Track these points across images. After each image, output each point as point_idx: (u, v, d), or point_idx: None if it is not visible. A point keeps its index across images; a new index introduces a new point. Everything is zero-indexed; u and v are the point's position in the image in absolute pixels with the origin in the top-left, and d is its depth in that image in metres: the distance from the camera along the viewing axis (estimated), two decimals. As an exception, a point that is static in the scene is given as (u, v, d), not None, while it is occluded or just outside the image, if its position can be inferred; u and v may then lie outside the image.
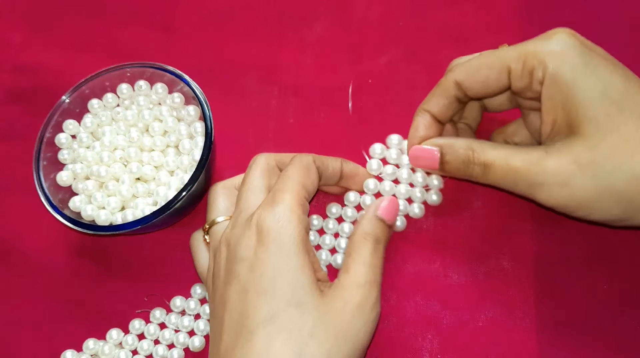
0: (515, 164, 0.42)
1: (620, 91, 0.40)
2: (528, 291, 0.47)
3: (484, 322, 0.47)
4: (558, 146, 0.41)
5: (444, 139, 0.45)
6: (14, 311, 0.50)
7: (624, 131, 0.39)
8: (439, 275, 0.48)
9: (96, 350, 0.48)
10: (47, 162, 0.50)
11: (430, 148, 0.45)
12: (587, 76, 0.40)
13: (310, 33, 0.57)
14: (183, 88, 0.50)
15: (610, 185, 0.40)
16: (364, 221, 0.44)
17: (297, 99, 0.55)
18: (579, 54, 0.41)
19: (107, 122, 0.51)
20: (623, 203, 0.40)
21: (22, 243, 0.52)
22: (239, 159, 0.53)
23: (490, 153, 0.43)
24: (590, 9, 0.55)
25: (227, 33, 0.58)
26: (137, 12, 0.59)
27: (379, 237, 0.44)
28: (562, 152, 0.41)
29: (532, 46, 0.42)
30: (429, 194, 0.50)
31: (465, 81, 0.45)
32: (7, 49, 0.59)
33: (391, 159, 0.50)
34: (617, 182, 0.39)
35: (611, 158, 0.39)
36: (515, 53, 0.43)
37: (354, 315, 0.40)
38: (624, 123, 0.39)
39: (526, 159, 0.42)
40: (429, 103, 0.47)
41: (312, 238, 0.49)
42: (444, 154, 0.45)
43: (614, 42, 0.54)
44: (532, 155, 0.42)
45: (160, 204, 0.47)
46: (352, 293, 0.40)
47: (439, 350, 0.46)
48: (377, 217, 0.44)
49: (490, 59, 0.44)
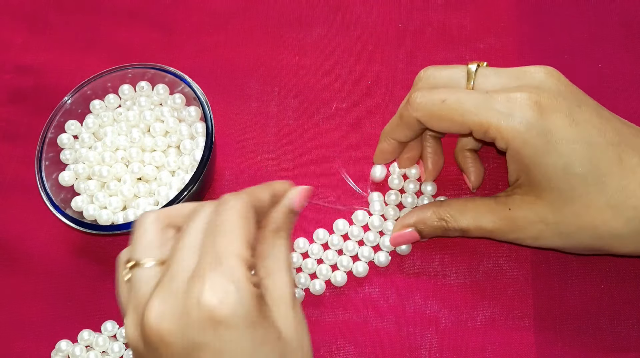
0: (487, 227, 0.44)
1: (582, 163, 0.40)
2: (526, 291, 0.47)
3: (482, 321, 0.47)
4: (522, 203, 0.43)
5: (414, 217, 0.47)
6: (16, 311, 0.50)
7: (586, 199, 0.40)
8: (437, 274, 0.49)
9: (90, 342, 0.48)
10: (49, 162, 0.50)
11: (406, 231, 0.47)
12: (549, 153, 0.40)
13: (310, 34, 0.57)
14: (184, 89, 0.50)
15: (577, 241, 0.43)
16: (277, 215, 0.39)
17: (297, 100, 0.55)
18: (539, 133, 0.40)
19: (109, 122, 0.51)
20: (590, 250, 0.44)
21: (24, 242, 0.52)
22: (240, 160, 0.53)
23: (462, 221, 0.45)
24: (587, 9, 0.56)
25: (228, 35, 0.58)
26: (139, 14, 0.60)
27: (290, 229, 0.40)
28: (528, 211, 0.43)
29: (494, 119, 0.41)
30: None
31: (427, 123, 0.44)
32: (8, 50, 0.59)
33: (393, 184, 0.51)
34: (583, 239, 0.42)
35: (575, 221, 0.41)
36: (477, 120, 0.42)
37: (299, 336, 0.37)
38: (586, 192, 0.40)
39: (496, 222, 0.44)
40: (394, 133, 0.46)
41: (295, 260, 0.49)
42: (420, 230, 0.47)
43: (611, 42, 0.54)
44: (498, 214, 0.44)
45: (161, 204, 0.47)
46: (288, 317, 0.37)
47: (437, 348, 0.47)
48: (292, 210, 0.40)
49: (452, 114, 0.42)
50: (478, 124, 0.42)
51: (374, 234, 0.49)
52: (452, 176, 0.51)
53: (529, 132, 0.40)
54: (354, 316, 0.48)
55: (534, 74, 0.43)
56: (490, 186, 0.50)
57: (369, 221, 0.50)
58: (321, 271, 0.49)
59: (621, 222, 0.40)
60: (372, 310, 0.48)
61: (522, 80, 0.42)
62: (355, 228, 0.49)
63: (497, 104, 0.41)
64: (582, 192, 0.40)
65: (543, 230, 0.43)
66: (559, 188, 0.41)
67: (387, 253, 0.49)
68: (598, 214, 0.40)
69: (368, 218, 0.50)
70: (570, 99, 0.41)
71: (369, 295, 0.48)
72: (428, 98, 0.43)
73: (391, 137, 0.47)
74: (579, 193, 0.40)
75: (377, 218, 0.49)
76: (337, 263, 0.49)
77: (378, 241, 0.49)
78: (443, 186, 0.51)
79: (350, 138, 0.53)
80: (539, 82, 0.42)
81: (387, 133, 0.47)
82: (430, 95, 0.43)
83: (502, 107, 0.41)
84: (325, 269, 0.49)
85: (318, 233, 0.50)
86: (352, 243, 0.49)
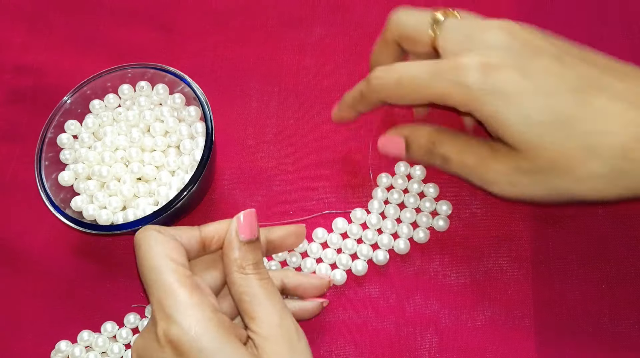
0: (468, 161, 0.44)
1: (543, 112, 0.40)
2: (526, 291, 0.47)
3: (482, 321, 0.47)
4: (502, 150, 0.43)
5: (409, 129, 0.47)
6: (15, 310, 0.50)
7: (558, 145, 0.40)
8: (437, 274, 0.49)
9: (90, 342, 0.48)
10: (49, 162, 0.50)
11: (396, 137, 0.47)
12: (507, 108, 0.41)
13: (310, 34, 0.57)
14: (184, 89, 0.50)
15: (553, 186, 0.42)
16: (232, 254, 0.42)
17: (297, 100, 0.55)
18: (491, 92, 0.41)
19: (109, 122, 0.51)
20: (566, 197, 0.42)
21: (23, 242, 0.52)
22: (240, 160, 0.53)
23: (448, 148, 0.45)
24: (587, 9, 0.56)
25: (228, 34, 0.58)
26: (138, 13, 0.60)
27: (257, 260, 0.42)
28: (506, 158, 0.43)
29: (447, 89, 0.42)
30: (436, 219, 0.50)
31: (389, 101, 0.46)
32: (8, 50, 0.59)
33: (397, 184, 0.51)
34: (559, 184, 0.41)
35: (551, 166, 0.41)
36: (433, 92, 0.43)
37: (291, 355, 0.39)
38: (556, 138, 0.40)
39: (477, 158, 0.44)
40: (356, 107, 0.48)
41: (295, 260, 0.49)
42: (409, 143, 0.47)
43: (611, 42, 0.54)
44: (482, 153, 0.44)
45: (161, 204, 0.47)
46: (277, 339, 0.39)
47: (437, 349, 0.47)
48: (244, 241, 0.42)
49: (409, 91, 0.44)
50: (435, 96, 0.43)
51: (372, 232, 0.49)
52: (451, 181, 0.51)
53: (482, 93, 0.41)
54: (354, 316, 0.48)
55: (486, 33, 0.43)
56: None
57: (366, 219, 0.50)
58: (320, 270, 0.49)
59: (598, 162, 0.40)
60: (372, 310, 0.48)
61: (474, 40, 0.43)
62: (354, 226, 0.49)
63: (447, 74, 0.42)
64: (552, 139, 0.40)
65: (520, 178, 0.42)
66: (527, 139, 0.41)
67: (386, 251, 0.49)
68: (573, 157, 0.40)
69: (366, 216, 0.50)
70: (522, 53, 0.42)
71: (369, 295, 0.48)
72: (385, 80, 0.45)
73: (353, 109, 0.48)
74: (549, 140, 0.40)
75: (375, 216, 0.50)
76: (337, 262, 0.49)
77: (376, 240, 0.49)
78: (442, 190, 0.51)
79: (351, 137, 0.53)
80: (490, 41, 0.42)
81: (349, 105, 0.48)
82: (387, 74, 0.45)
83: (452, 76, 0.42)
84: (325, 268, 0.49)
85: (317, 233, 0.50)
86: (351, 242, 0.49)
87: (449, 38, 0.44)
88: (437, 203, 0.50)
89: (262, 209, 0.51)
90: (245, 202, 0.52)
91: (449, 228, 0.49)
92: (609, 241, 0.48)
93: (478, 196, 0.50)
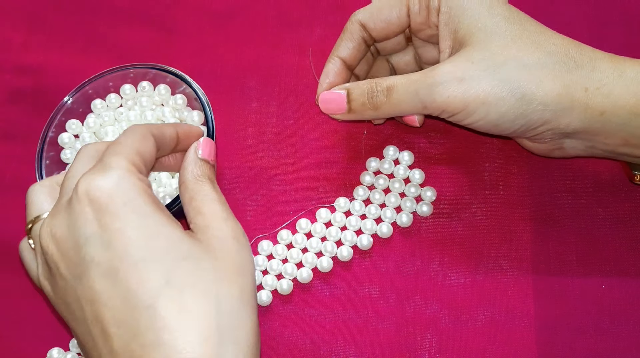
0: (414, 77, 0.45)
1: (502, 5, 0.44)
2: (526, 291, 0.47)
3: (482, 321, 0.47)
4: (447, 60, 0.44)
5: (348, 84, 0.48)
6: (15, 310, 0.50)
7: (510, 34, 0.43)
8: (437, 274, 0.49)
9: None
10: (50, 161, 0.50)
11: (337, 91, 0.47)
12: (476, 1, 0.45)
13: (310, 34, 0.57)
14: (185, 89, 0.50)
15: (502, 76, 0.42)
16: (190, 166, 0.42)
17: (297, 99, 0.55)
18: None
19: (110, 122, 0.51)
20: (516, 93, 0.42)
21: (23, 242, 0.52)
22: (240, 160, 0.53)
23: (392, 79, 0.46)
24: (587, 9, 0.56)
25: (228, 35, 0.58)
26: (138, 13, 0.60)
27: (211, 177, 0.42)
28: (456, 57, 0.44)
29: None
30: (420, 205, 0.50)
31: (370, 21, 0.48)
32: (8, 50, 0.59)
33: (384, 169, 0.52)
34: (508, 71, 0.42)
35: (501, 53, 0.43)
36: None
37: (237, 248, 0.38)
38: (510, 29, 0.44)
39: (424, 71, 0.45)
40: (338, 49, 0.49)
41: (280, 251, 0.50)
42: (350, 92, 0.47)
43: (611, 42, 0.54)
44: (427, 70, 0.45)
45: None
46: (222, 229, 0.39)
47: (437, 349, 0.47)
48: (202, 159, 0.42)
49: (391, 0, 0.47)
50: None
51: (355, 219, 0.50)
52: (451, 182, 0.51)
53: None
54: (354, 316, 0.48)
55: None
56: (489, 187, 0.50)
57: (350, 206, 0.51)
58: (307, 260, 0.49)
59: (544, 53, 0.43)
60: (372, 310, 0.48)
61: None
62: (338, 215, 0.50)
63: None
64: (506, 28, 0.44)
65: (469, 68, 0.43)
66: (485, 27, 0.44)
67: (369, 235, 0.50)
68: (523, 46, 0.43)
69: (349, 204, 0.51)
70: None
71: (369, 295, 0.48)
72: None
73: (335, 55, 0.49)
74: (503, 29, 0.43)
75: (359, 202, 0.51)
76: (322, 250, 0.50)
77: (360, 226, 0.50)
78: (443, 190, 0.51)
79: (351, 137, 0.53)
80: None
81: (332, 52, 0.49)
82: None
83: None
84: (311, 257, 0.49)
85: (300, 223, 0.50)
86: (335, 229, 0.50)
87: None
88: (422, 189, 0.50)
89: (262, 209, 0.52)
90: (246, 202, 0.52)
91: (448, 228, 0.50)
92: (609, 241, 0.48)
93: (478, 196, 0.50)
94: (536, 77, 0.42)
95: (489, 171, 0.51)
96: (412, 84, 0.44)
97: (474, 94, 0.43)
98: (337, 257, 0.49)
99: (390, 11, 0.47)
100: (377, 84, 0.46)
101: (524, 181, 0.50)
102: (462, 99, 0.43)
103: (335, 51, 0.49)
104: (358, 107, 0.47)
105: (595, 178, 0.50)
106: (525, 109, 0.42)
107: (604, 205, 0.49)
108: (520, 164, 0.51)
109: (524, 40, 0.43)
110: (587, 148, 0.45)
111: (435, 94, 0.44)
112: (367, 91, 0.46)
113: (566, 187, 0.50)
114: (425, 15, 0.47)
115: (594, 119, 0.42)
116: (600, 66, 0.42)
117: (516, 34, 0.43)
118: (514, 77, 0.42)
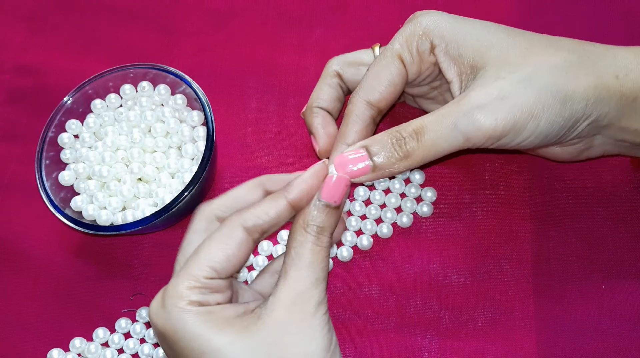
0: (444, 110, 0.41)
1: (490, 23, 0.44)
2: (527, 292, 0.47)
3: (482, 322, 0.47)
4: (474, 85, 0.42)
5: (366, 140, 0.42)
6: (14, 310, 0.50)
7: (520, 44, 0.42)
8: (438, 275, 0.49)
9: (82, 349, 0.48)
10: (50, 161, 0.50)
11: (353, 152, 0.41)
12: (464, 22, 0.44)
13: (310, 34, 0.57)
14: (185, 90, 0.50)
15: (540, 83, 0.41)
16: (305, 208, 0.39)
17: (297, 100, 0.55)
18: (446, 14, 0.45)
19: (110, 122, 0.51)
20: (559, 96, 0.41)
21: (23, 242, 0.52)
22: (240, 160, 0.53)
23: (417, 121, 0.41)
24: (587, 9, 0.56)
25: (228, 35, 0.58)
26: (138, 14, 0.60)
27: (323, 224, 0.39)
28: (480, 80, 0.42)
29: (407, 31, 0.45)
30: (420, 205, 0.50)
31: (373, 98, 0.45)
32: (8, 50, 0.59)
33: None
34: (543, 77, 0.41)
35: (525, 63, 0.41)
36: (397, 44, 0.45)
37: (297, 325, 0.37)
38: (516, 40, 0.43)
39: (452, 104, 0.41)
40: (353, 134, 0.45)
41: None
42: (369, 149, 0.41)
43: (611, 42, 0.54)
44: (455, 100, 0.42)
45: (161, 205, 0.47)
46: (287, 304, 0.37)
47: (437, 349, 0.47)
48: (319, 201, 0.39)
49: (383, 62, 0.45)
50: (405, 45, 0.45)
51: (355, 219, 0.50)
52: (452, 182, 0.51)
53: (438, 16, 0.45)
54: (354, 316, 0.48)
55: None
56: (490, 187, 0.50)
57: (350, 206, 0.51)
58: None
59: (566, 52, 0.42)
60: (372, 310, 0.48)
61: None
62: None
63: (404, 28, 0.45)
64: (514, 40, 0.43)
65: (504, 85, 0.40)
66: (493, 43, 0.43)
67: (370, 236, 0.50)
68: (542, 51, 0.42)
69: (349, 205, 0.51)
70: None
71: (369, 295, 0.48)
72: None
73: (348, 142, 0.45)
74: (512, 42, 0.43)
75: (359, 203, 0.51)
76: None
77: (360, 226, 0.50)
78: (443, 191, 0.51)
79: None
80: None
81: (343, 138, 0.46)
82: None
83: (407, 24, 0.45)
84: None
85: None
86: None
87: None
88: (422, 189, 0.50)
89: (262, 209, 0.51)
90: (246, 202, 0.52)
91: (449, 228, 0.50)
92: (609, 241, 0.48)
93: (479, 196, 0.50)
94: (571, 75, 0.41)
95: (490, 171, 0.51)
96: (446, 117, 0.41)
97: (520, 110, 0.40)
98: (337, 257, 0.49)
99: (390, 75, 0.45)
100: (401, 130, 0.41)
101: (524, 181, 0.50)
102: (511, 118, 0.40)
103: (348, 137, 0.45)
104: (385, 162, 0.41)
105: (595, 178, 0.50)
106: (571, 110, 0.41)
107: (604, 205, 0.49)
108: (521, 164, 0.51)
109: (539, 46, 0.42)
110: (616, 141, 0.45)
111: (478, 121, 0.40)
112: (392, 140, 0.41)
113: (566, 187, 0.50)
114: (419, 60, 0.45)
115: (628, 106, 0.42)
116: (620, 54, 0.42)
117: (526, 43, 0.42)
118: (551, 81, 0.41)
